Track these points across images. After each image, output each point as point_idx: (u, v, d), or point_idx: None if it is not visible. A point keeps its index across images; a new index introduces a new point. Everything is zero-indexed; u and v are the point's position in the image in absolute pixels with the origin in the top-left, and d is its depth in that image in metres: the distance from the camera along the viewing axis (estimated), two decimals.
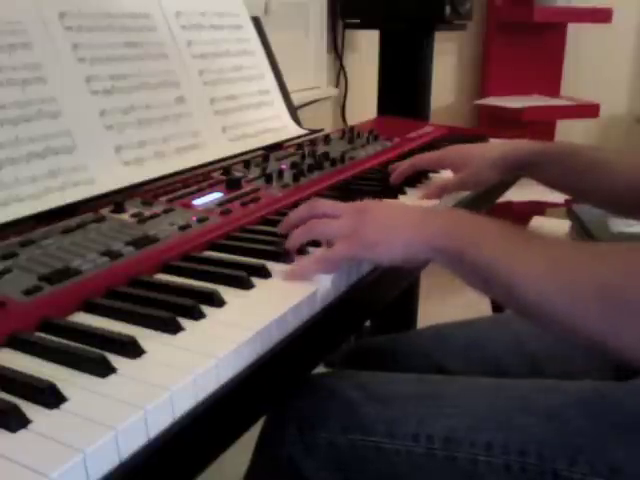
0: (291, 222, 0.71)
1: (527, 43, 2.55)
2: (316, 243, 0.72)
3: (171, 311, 0.55)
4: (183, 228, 0.73)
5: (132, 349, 0.50)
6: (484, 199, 1.07)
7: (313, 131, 1.23)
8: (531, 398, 0.66)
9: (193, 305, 0.56)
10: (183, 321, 0.54)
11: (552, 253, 0.57)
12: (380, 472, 0.66)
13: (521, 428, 0.62)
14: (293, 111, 1.26)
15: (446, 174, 1.01)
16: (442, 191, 0.92)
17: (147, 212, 0.77)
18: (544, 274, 0.54)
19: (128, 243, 0.68)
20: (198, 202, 0.82)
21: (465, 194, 0.97)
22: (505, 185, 1.17)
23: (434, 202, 0.90)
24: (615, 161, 0.86)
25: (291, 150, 1.11)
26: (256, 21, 1.23)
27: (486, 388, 0.70)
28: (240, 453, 0.69)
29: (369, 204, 0.70)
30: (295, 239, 0.68)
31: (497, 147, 0.94)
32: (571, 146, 0.90)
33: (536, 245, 0.58)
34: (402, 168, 0.96)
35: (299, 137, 1.19)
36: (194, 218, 0.76)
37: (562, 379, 0.70)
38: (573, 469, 0.59)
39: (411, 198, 0.91)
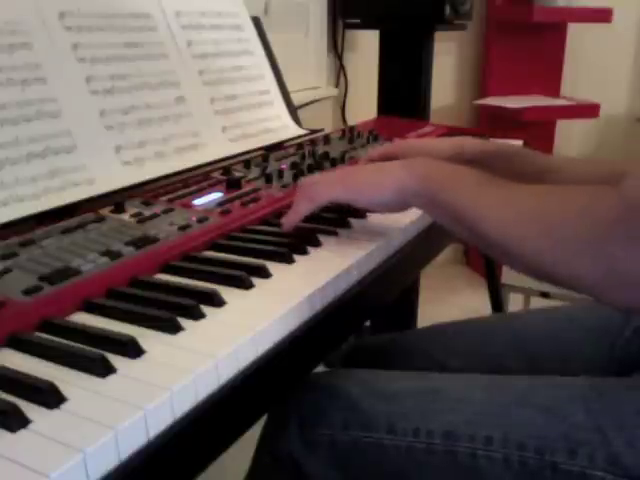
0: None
1: (527, 43, 2.54)
2: (316, 242, 0.72)
3: (171, 311, 0.55)
4: (183, 228, 0.73)
5: (132, 349, 0.50)
6: None
7: (313, 131, 1.23)
8: (530, 392, 0.66)
9: (193, 305, 0.56)
10: (183, 321, 0.54)
11: (503, 195, 0.64)
12: (381, 468, 0.67)
13: (520, 422, 0.63)
14: (293, 111, 1.26)
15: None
16: None
17: (147, 212, 0.77)
18: (496, 213, 0.62)
19: (128, 243, 0.68)
20: (198, 202, 0.82)
21: None
22: None
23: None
24: (564, 169, 0.86)
25: (291, 150, 1.11)
26: (256, 21, 1.23)
27: (485, 384, 0.70)
28: (241, 452, 0.69)
29: (353, 166, 0.82)
30: (297, 212, 0.74)
31: (449, 143, 0.94)
32: (521, 149, 0.92)
33: (491, 188, 0.65)
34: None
35: (299, 137, 1.19)
36: (194, 218, 0.76)
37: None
38: (572, 462, 0.59)
39: None
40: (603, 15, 2.39)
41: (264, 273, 0.64)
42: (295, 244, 0.71)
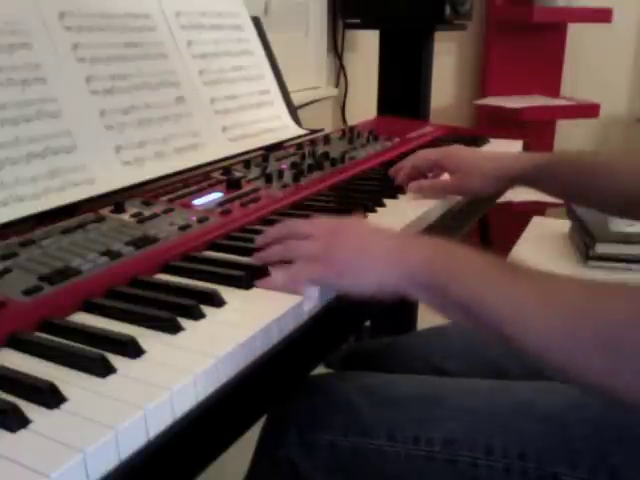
0: (268, 238, 0.68)
1: (527, 43, 2.54)
2: None
3: (171, 311, 0.55)
4: (183, 228, 0.73)
5: (132, 349, 0.50)
6: (484, 200, 1.07)
7: (313, 131, 1.23)
8: (531, 401, 0.66)
9: (193, 305, 0.56)
10: (183, 321, 0.54)
11: (543, 288, 0.52)
12: (380, 475, 0.66)
13: (521, 431, 0.62)
14: (293, 111, 1.26)
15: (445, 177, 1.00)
16: (435, 192, 0.92)
17: (147, 212, 0.77)
18: (537, 312, 0.50)
19: (128, 243, 0.68)
20: (198, 202, 0.82)
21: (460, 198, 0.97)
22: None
23: (430, 204, 0.89)
24: (616, 163, 0.85)
25: (291, 150, 1.11)
26: (256, 21, 1.23)
27: (486, 391, 0.70)
28: (241, 453, 0.69)
29: (344, 224, 0.65)
30: (269, 256, 0.65)
31: (491, 160, 0.93)
32: (568, 156, 0.89)
33: (525, 279, 0.53)
34: (405, 170, 0.96)
35: (299, 137, 1.19)
36: (194, 218, 0.76)
37: (562, 382, 0.70)
38: (573, 473, 0.58)
39: (408, 198, 0.92)
40: (603, 15, 2.39)
41: (264, 273, 0.64)
42: None
